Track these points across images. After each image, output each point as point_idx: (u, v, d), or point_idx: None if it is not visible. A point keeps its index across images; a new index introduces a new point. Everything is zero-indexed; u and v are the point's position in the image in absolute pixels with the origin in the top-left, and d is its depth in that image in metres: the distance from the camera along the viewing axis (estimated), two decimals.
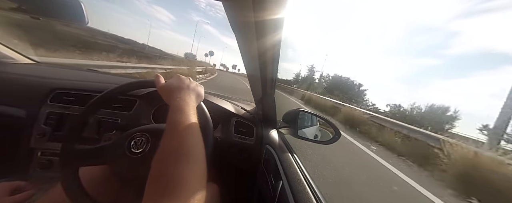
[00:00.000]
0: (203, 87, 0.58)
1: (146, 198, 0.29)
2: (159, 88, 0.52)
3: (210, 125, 0.62)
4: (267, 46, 0.50)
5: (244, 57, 0.65)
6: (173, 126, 0.40)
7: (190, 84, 0.52)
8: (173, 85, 0.50)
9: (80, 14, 0.80)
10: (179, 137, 0.37)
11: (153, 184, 0.31)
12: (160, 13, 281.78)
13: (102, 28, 69.08)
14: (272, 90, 0.79)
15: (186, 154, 0.34)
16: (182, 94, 0.47)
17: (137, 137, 0.59)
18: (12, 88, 0.83)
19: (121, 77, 1.21)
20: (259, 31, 0.43)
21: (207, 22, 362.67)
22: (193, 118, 0.43)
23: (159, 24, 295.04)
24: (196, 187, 0.30)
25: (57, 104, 0.83)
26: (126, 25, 29.82)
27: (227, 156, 0.98)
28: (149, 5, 31.94)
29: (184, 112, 0.43)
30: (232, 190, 1.08)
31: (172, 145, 0.36)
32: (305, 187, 0.55)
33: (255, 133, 1.00)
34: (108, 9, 29.25)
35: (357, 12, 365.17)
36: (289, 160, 0.71)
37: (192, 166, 0.33)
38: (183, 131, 0.39)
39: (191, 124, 0.41)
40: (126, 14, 30.44)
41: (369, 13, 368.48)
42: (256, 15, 0.38)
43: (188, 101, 0.47)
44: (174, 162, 0.33)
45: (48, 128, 0.79)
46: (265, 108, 0.96)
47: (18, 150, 0.80)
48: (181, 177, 0.30)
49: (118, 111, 0.88)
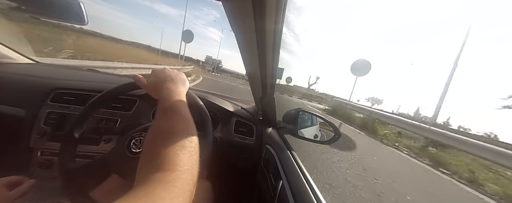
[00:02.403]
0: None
1: (139, 174, 0.29)
2: (144, 87, 0.52)
3: (208, 119, 0.62)
4: (267, 46, 0.50)
5: (244, 57, 0.65)
6: (163, 113, 0.40)
7: (171, 74, 0.52)
8: (157, 81, 0.50)
9: (80, 14, 0.81)
10: (168, 121, 0.38)
11: (142, 163, 0.31)
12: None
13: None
14: (272, 90, 0.79)
15: (174, 134, 0.34)
16: (168, 85, 0.48)
17: (136, 136, 0.59)
18: (12, 88, 0.83)
19: (121, 77, 1.21)
20: (259, 31, 0.43)
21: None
22: (183, 105, 0.43)
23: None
24: (186, 162, 0.31)
25: (57, 104, 0.83)
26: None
27: (227, 156, 0.98)
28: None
29: (173, 99, 0.43)
30: (232, 190, 1.08)
31: (160, 128, 0.36)
32: (305, 187, 0.55)
33: (255, 133, 1.00)
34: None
35: (359, 13, 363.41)
36: (289, 160, 0.71)
37: (180, 143, 0.33)
38: (172, 115, 0.39)
39: (181, 109, 0.41)
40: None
41: (371, 13, 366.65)
42: (256, 15, 0.38)
43: (175, 89, 0.47)
44: (161, 141, 0.33)
45: (48, 127, 0.79)
46: (265, 107, 0.96)
47: (18, 150, 0.80)
48: (170, 153, 0.30)
49: (118, 111, 0.88)
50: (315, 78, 51.96)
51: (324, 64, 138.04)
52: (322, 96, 33.98)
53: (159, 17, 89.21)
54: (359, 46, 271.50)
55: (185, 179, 0.28)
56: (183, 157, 0.31)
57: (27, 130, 0.79)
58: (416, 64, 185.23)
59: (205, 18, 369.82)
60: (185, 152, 0.32)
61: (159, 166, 0.28)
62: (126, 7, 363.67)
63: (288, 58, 36.50)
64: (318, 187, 0.55)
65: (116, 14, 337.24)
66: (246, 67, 0.74)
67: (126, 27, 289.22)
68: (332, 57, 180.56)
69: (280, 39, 0.47)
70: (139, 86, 0.54)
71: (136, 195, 0.24)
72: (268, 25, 0.41)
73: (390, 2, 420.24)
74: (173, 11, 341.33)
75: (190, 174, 0.30)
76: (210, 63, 52.23)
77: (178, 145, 0.32)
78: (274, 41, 0.47)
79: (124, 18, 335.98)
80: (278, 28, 0.43)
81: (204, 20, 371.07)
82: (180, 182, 0.27)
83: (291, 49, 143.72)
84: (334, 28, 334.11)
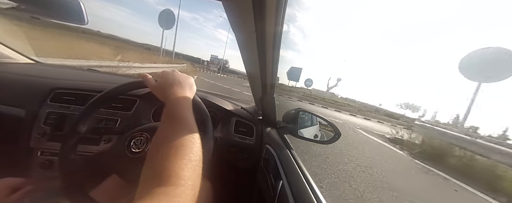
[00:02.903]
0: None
1: (140, 187, 0.29)
2: (152, 88, 0.52)
3: (208, 119, 0.62)
4: (267, 46, 0.50)
5: (244, 57, 0.65)
6: (168, 119, 0.40)
7: (180, 78, 0.52)
8: (165, 83, 0.50)
9: (80, 14, 0.81)
10: (173, 130, 0.37)
11: (147, 174, 0.31)
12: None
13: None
14: (272, 90, 0.79)
15: (180, 146, 0.34)
16: (175, 89, 0.47)
17: (136, 136, 0.59)
18: (12, 88, 0.83)
19: (122, 77, 1.21)
20: (259, 31, 0.43)
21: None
22: (189, 112, 0.43)
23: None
24: (190, 177, 0.30)
25: (57, 104, 0.83)
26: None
27: (227, 156, 0.98)
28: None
29: (180, 106, 0.43)
30: (232, 190, 1.08)
31: (166, 137, 0.36)
32: (305, 187, 0.55)
33: (255, 133, 1.00)
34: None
35: (360, 12, 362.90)
36: (289, 160, 0.71)
37: (186, 157, 0.33)
38: (178, 124, 0.39)
39: (186, 117, 0.41)
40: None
41: (372, 14, 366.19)
42: (256, 15, 0.38)
43: (183, 95, 0.47)
44: (167, 152, 0.32)
45: (48, 127, 0.79)
46: (265, 107, 0.96)
47: (18, 150, 0.80)
48: (175, 167, 0.30)
49: (118, 111, 0.88)
50: (335, 80, 45.96)
51: (344, 65, 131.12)
52: (350, 103, 29.62)
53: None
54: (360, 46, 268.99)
55: (189, 195, 0.28)
56: (188, 171, 0.31)
57: (27, 130, 0.79)
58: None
59: (215, 20, 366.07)
60: (190, 166, 0.32)
61: (165, 179, 0.28)
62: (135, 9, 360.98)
63: (301, 59, 34.46)
64: (318, 187, 0.55)
65: (126, 15, 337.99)
66: (246, 67, 0.74)
67: (135, 29, 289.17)
68: (357, 56, 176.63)
69: (280, 39, 0.47)
70: (146, 86, 0.54)
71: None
72: (268, 25, 0.41)
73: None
74: (183, 13, 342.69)
75: (193, 190, 0.30)
76: (215, 63, 47.46)
77: (184, 158, 0.32)
78: (274, 41, 0.47)
79: (134, 20, 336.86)
80: (278, 28, 0.43)
81: (214, 22, 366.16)
82: (184, 198, 0.27)
83: (300, 49, 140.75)
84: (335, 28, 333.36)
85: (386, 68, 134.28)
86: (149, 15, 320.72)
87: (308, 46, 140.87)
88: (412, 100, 70.16)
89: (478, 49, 6.25)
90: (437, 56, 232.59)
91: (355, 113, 17.28)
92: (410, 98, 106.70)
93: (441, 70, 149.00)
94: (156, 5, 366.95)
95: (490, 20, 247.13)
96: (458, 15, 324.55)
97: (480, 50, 6.46)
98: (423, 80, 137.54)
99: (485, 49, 6.34)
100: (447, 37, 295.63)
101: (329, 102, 23.81)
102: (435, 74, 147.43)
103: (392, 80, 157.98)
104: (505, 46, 10.38)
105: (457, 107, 39.59)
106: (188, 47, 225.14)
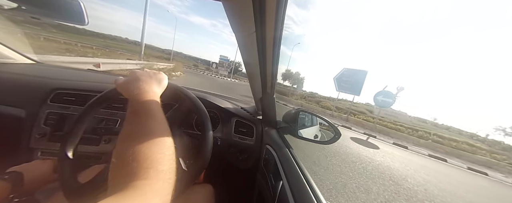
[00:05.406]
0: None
1: (113, 181, 0.29)
2: (118, 86, 0.51)
3: (208, 119, 0.62)
4: (267, 46, 0.50)
5: (244, 57, 0.65)
6: (134, 115, 0.39)
7: (146, 74, 0.52)
8: (129, 80, 0.49)
9: (80, 14, 0.81)
10: (141, 125, 0.37)
11: (118, 166, 0.30)
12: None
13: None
14: (272, 90, 0.79)
15: (150, 137, 0.34)
16: (139, 84, 0.47)
17: None
18: (12, 88, 0.83)
19: (121, 77, 1.21)
20: (259, 32, 0.43)
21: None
22: (156, 106, 0.42)
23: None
24: (164, 168, 0.30)
25: (57, 104, 0.83)
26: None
27: (227, 156, 0.98)
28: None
29: (145, 101, 0.42)
30: (232, 190, 1.08)
31: (133, 129, 0.35)
32: (305, 187, 0.55)
33: (255, 133, 1.00)
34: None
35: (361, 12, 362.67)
36: (289, 160, 0.71)
37: (157, 148, 0.32)
38: (146, 119, 0.38)
39: (153, 109, 0.41)
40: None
41: (372, 14, 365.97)
42: (256, 16, 0.38)
43: (147, 89, 0.46)
44: (138, 144, 0.32)
45: (48, 128, 0.79)
46: (265, 107, 0.96)
47: (18, 150, 0.80)
48: (147, 158, 0.30)
49: (118, 111, 0.88)
50: (396, 89, 38.13)
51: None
52: (369, 108, 20.43)
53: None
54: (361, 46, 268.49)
55: (162, 187, 0.28)
56: (159, 163, 0.30)
57: (27, 130, 0.79)
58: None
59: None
60: (161, 157, 0.31)
61: (135, 173, 0.27)
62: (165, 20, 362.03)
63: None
64: (318, 187, 0.55)
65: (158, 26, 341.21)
66: (246, 67, 0.74)
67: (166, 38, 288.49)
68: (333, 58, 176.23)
69: (280, 39, 0.47)
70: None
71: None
72: (268, 25, 0.41)
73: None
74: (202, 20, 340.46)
75: (167, 181, 0.29)
76: (225, 66, 39.42)
77: (152, 150, 0.31)
78: (274, 41, 0.47)
79: (166, 31, 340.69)
80: (278, 29, 0.43)
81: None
82: (158, 190, 0.27)
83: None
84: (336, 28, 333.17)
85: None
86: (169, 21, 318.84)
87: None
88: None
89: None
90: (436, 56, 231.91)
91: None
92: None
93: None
94: (178, 14, 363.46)
95: (490, 20, 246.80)
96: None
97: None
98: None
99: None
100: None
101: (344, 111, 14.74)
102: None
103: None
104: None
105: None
106: (204, 52, 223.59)
